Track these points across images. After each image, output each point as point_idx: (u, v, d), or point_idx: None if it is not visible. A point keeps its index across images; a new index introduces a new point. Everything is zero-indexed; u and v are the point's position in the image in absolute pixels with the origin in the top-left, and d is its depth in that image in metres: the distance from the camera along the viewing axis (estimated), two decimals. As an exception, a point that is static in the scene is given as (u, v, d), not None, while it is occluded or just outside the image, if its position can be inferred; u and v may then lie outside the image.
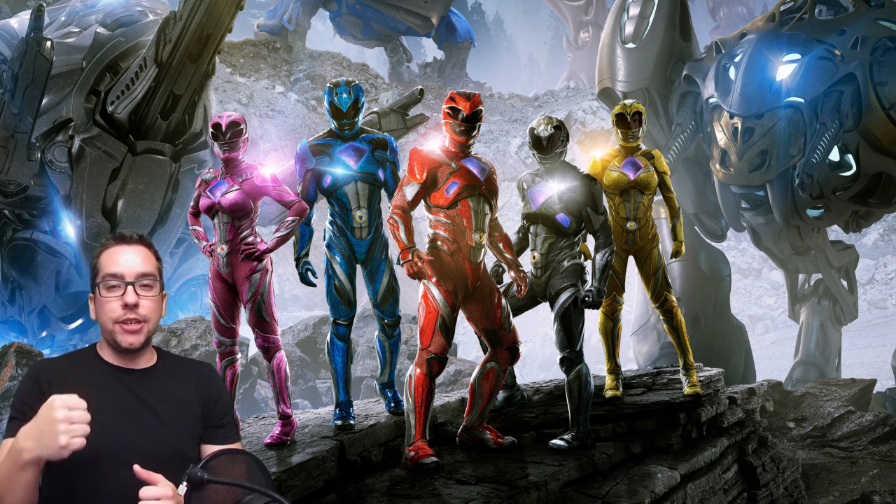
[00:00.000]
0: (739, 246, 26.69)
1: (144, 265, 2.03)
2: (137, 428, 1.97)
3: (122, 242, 2.05)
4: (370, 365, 11.89)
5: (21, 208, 10.90)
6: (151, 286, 2.03)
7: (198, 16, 9.12)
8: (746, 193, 11.42)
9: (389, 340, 4.95)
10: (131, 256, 2.03)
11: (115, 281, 2.00)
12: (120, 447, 1.92)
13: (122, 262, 2.01)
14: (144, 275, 2.02)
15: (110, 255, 2.03)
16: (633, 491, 4.30)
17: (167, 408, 2.03)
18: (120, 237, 2.06)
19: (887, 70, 10.25)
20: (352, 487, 4.13)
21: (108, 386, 2.00)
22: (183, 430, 2.02)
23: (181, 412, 2.05)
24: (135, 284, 2.00)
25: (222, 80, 21.53)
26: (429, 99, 22.05)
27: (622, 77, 12.01)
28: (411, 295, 7.06)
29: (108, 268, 2.01)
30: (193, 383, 2.11)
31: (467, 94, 4.33)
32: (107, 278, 2.00)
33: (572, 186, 4.73)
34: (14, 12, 16.01)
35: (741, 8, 38.68)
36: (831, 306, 13.69)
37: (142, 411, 2.00)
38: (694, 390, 5.47)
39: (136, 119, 10.27)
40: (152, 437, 1.98)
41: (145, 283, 2.02)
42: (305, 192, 4.70)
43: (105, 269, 2.01)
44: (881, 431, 8.87)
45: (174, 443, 1.98)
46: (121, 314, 1.99)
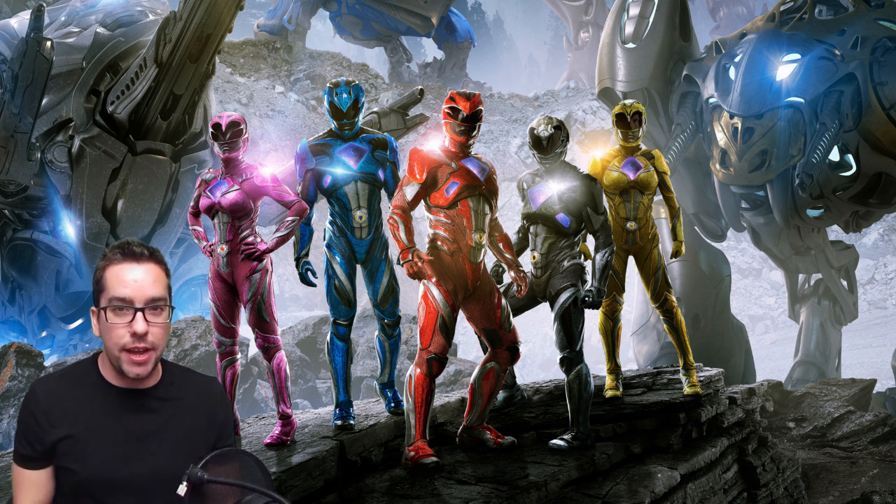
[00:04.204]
0: (739, 246, 26.69)
1: (155, 288, 1.90)
2: (141, 453, 1.91)
3: (130, 259, 1.90)
4: (370, 365, 11.89)
5: (21, 208, 10.90)
6: (162, 310, 1.90)
7: (198, 16, 9.12)
8: (746, 193, 11.42)
9: (389, 340, 4.95)
10: (141, 276, 1.88)
11: (123, 305, 1.86)
12: (123, 473, 1.88)
13: (132, 285, 1.87)
14: (155, 299, 1.89)
15: (118, 275, 1.88)
16: (633, 491, 4.30)
17: (172, 431, 1.95)
18: (129, 253, 1.90)
19: (887, 70, 10.25)
20: (352, 487, 4.13)
21: (111, 410, 1.92)
22: (188, 454, 1.93)
23: (187, 435, 1.97)
24: (144, 310, 1.87)
25: (222, 80, 21.53)
26: (429, 99, 22.06)
27: (622, 77, 12.01)
28: (411, 295, 7.06)
29: (115, 290, 1.87)
30: (201, 404, 2.02)
31: (467, 94, 4.33)
32: (114, 301, 1.87)
33: (572, 186, 4.73)
34: (14, 12, 16.01)
35: (741, 8, 38.71)
36: (831, 306, 13.69)
37: (146, 436, 1.93)
38: (694, 390, 5.47)
39: (136, 119, 10.27)
40: (157, 462, 1.92)
41: (155, 306, 1.89)
42: (305, 192, 4.70)
43: (112, 290, 1.88)
44: (881, 431, 8.87)
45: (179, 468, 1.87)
46: (128, 342, 1.87)
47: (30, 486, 1.91)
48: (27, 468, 1.90)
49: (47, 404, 1.89)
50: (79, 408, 1.89)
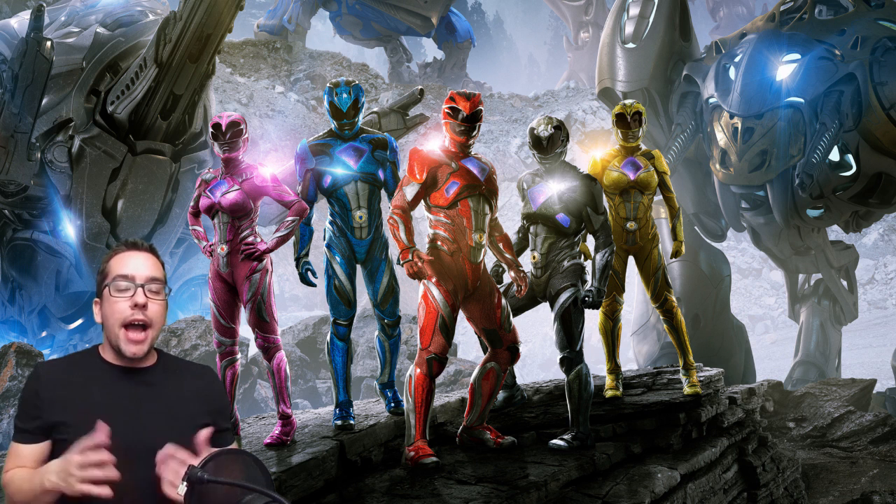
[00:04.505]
0: (739, 246, 26.69)
1: (154, 270, 2.10)
2: (137, 424, 2.03)
3: (132, 249, 2.12)
4: (370, 365, 11.89)
5: (21, 208, 10.90)
6: (159, 292, 2.10)
7: (198, 16, 9.12)
8: (746, 193, 11.42)
9: (389, 340, 4.95)
10: (141, 261, 2.10)
11: (125, 282, 2.06)
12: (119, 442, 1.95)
13: (133, 266, 2.08)
14: (154, 279, 2.09)
15: (121, 259, 2.10)
16: (633, 491, 4.30)
17: (167, 404, 2.08)
18: (131, 244, 2.14)
19: (887, 70, 10.25)
20: (352, 487, 4.13)
21: (108, 383, 2.06)
22: (183, 426, 2.05)
23: (181, 409, 2.09)
24: (144, 287, 2.07)
25: (222, 80, 21.53)
26: (429, 99, 22.06)
27: (622, 77, 12.01)
28: (411, 295, 7.06)
29: (118, 270, 2.08)
30: (194, 384, 2.16)
31: (467, 94, 4.33)
32: (117, 279, 2.07)
33: (572, 186, 4.73)
34: (14, 12, 16.01)
35: (741, 8, 38.69)
36: (831, 306, 13.69)
37: (141, 407, 2.05)
38: (694, 390, 5.47)
39: (136, 119, 10.27)
40: (152, 432, 2.02)
41: (154, 287, 2.09)
42: (305, 192, 4.70)
43: (116, 270, 2.08)
44: (881, 431, 8.86)
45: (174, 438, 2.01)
46: (129, 314, 2.04)
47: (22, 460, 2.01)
48: (24, 443, 2.01)
49: (47, 380, 2.04)
50: (77, 382, 2.04)
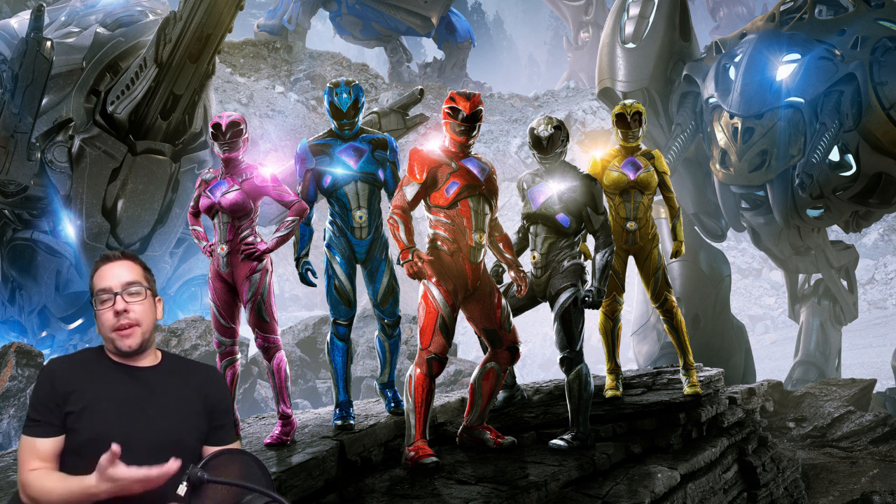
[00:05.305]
0: (739, 246, 26.69)
1: (129, 275, 2.27)
2: (141, 418, 2.13)
3: (107, 261, 2.30)
4: (370, 365, 11.89)
5: (21, 208, 10.90)
6: (139, 293, 2.26)
7: (198, 16, 9.12)
8: (746, 193, 11.42)
9: (389, 340, 4.95)
10: (116, 270, 2.27)
11: (105, 295, 2.24)
12: (123, 435, 2.05)
13: (109, 277, 2.26)
14: (130, 283, 2.26)
15: (99, 274, 2.28)
16: (633, 491, 4.29)
17: (170, 401, 2.19)
18: (104, 258, 2.32)
19: (887, 70, 10.25)
20: (352, 487, 4.13)
21: (113, 379, 2.20)
22: (186, 422, 2.16)
23: (184, 405, 2.20)
24: (122, 294, 2.24)
25: (222, 80, 21.52)
26: (429, 99, 22.06)
27: (622, 77, 12.01)
28: (411, 295, 7.06)
29: (99, 284, 2.27)
30: (197, 382, 2.27)
31: (467, 94, 4.33)
32: (99, 293, 2.25)
33: (572, 186, 4.73)
34: (14, 12, 16.00)
35: (741, 8, 38.69)
36: (831, 306, 13.69)
37: (145, 403, 2.16)
38: (694, 390, 5.47)
39: (136, 119, 10.27)
40: (155, 426, 2.13)
41: (132, 290, 2.26)
42: (305, 192, 4.70)
43: (97, 285, 2.27)
44: (881, 431, 8.86)
45: (177, 433, 2.13)
46: (114, 322, 2.22)
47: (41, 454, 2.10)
48: (41, 436, 2.11)
49: (61, 373, 2.19)
50: (86, 376, 2.19)
